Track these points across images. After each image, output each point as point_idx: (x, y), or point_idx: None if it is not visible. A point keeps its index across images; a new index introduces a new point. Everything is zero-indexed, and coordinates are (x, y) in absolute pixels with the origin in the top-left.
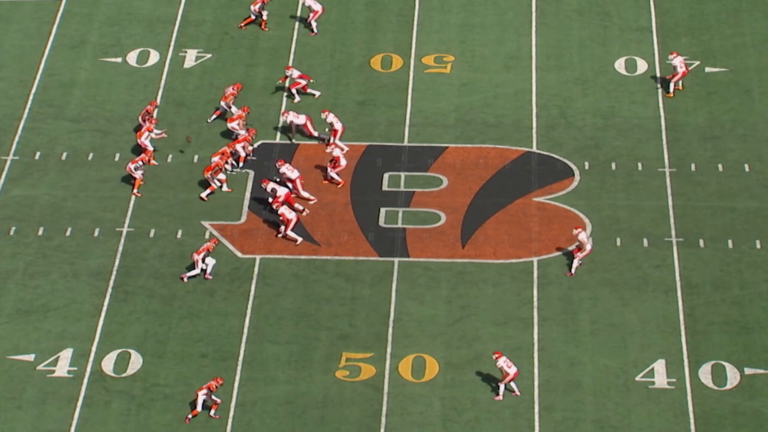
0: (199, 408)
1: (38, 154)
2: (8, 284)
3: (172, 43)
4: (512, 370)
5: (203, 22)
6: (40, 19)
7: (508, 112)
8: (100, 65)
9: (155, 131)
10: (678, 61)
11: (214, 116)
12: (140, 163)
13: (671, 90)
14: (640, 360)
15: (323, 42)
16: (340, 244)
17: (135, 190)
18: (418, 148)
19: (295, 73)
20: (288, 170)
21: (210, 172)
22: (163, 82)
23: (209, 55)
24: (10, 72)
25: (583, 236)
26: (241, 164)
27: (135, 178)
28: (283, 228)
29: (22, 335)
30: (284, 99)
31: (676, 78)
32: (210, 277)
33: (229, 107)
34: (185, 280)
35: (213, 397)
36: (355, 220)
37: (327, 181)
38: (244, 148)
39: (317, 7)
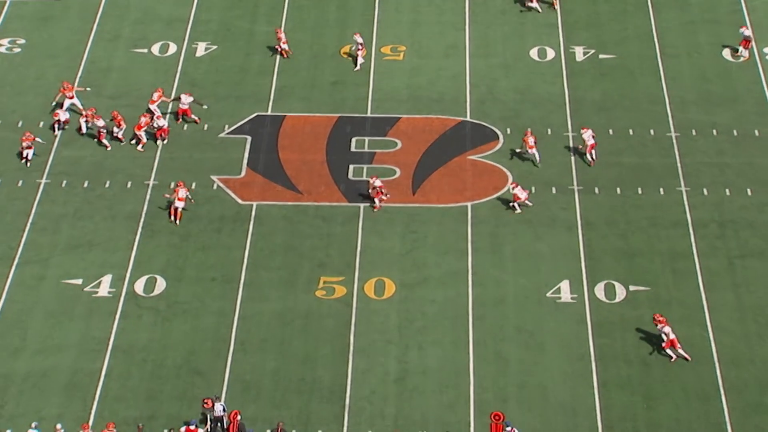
0: None
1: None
2: (61, 225)
3: (186, 38)
4: (672, 335)
5: (210, 21)
6: (84, 18)
7: (448, 90)
8: (130, 55)
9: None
10: (749, 32)
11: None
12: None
13: (747, 54)
14: (549, 281)
15: (304, 36)
16: (318, 193)
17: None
18: (379, 118)
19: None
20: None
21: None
22: (179, 67)
23: (215, 47)
24: (61, 60)
25: None
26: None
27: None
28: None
29: (72, 264)
30: (274, 79)
31: (749, 45)
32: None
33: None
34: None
35: None
36: (329, 174)
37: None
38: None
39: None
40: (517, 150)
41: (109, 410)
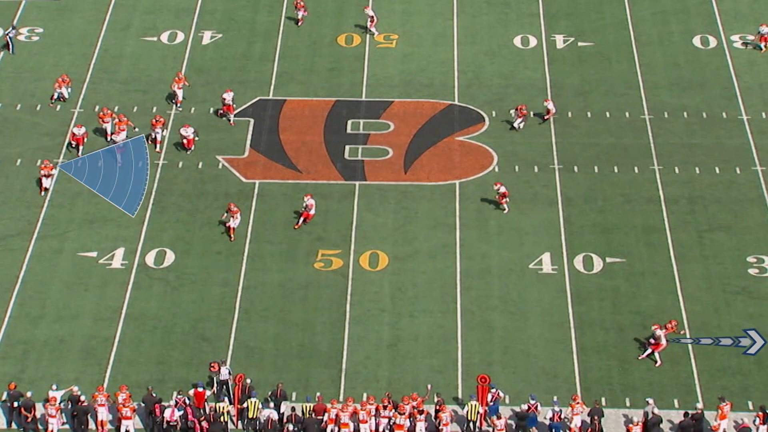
0: None
1: (97, 107)
2: (78, 201)
3: (193, 26)
4: (664, 342)
5: (215, 11)
6: (98, 9)
7: (437, 75)
8: (141, 43)
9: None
10: (766, 29)
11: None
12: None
13: (763, 47)
14: (532, 253)
15: (303, 25)
16: (316, 171)
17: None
18: (373, 102)
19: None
20: None
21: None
22: (187, 55)
23: (220, 35)
24: (76, 48)
25: None
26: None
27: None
28: None
29: (88, 238)
30: (275, 65)
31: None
32: None
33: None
34: None
35: None
36: (327, 154)
37: None
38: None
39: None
40: (515, 124)
41: (122, 374)
